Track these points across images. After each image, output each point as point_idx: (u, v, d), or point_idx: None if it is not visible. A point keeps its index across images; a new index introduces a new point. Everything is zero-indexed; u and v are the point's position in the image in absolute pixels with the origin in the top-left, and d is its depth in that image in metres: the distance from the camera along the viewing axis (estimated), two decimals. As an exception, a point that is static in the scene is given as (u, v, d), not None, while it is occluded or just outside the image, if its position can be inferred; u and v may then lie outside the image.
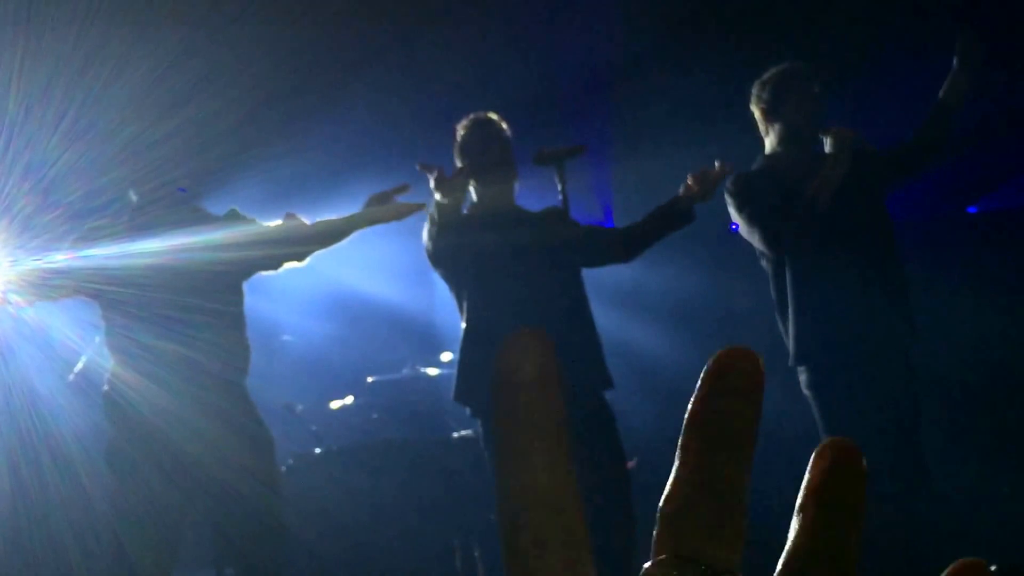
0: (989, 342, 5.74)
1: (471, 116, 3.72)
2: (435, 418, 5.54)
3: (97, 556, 3.79)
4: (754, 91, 3.75)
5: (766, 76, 3.73)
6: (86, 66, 4.40)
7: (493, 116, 3.71)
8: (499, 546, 0.44)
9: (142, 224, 3.56)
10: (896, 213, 3.74)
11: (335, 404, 5.86)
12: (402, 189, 3.50)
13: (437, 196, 3.51)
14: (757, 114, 3.75)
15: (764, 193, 3.60)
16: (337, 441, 5.50)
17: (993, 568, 2.43)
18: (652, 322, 6.46)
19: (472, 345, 3.51)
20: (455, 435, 5.34)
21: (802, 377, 3.58)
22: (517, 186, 3.70)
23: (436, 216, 3.50)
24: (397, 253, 6.21)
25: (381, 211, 3.50)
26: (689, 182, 3.60)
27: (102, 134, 4.09)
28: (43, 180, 4.60)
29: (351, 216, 3.57)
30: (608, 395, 3.65)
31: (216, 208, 3.78)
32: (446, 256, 3.55)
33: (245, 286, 3.70)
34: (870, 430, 3.43)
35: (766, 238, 3.58)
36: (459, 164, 3.66)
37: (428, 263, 3.73)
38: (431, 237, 3.53)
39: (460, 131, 3.72)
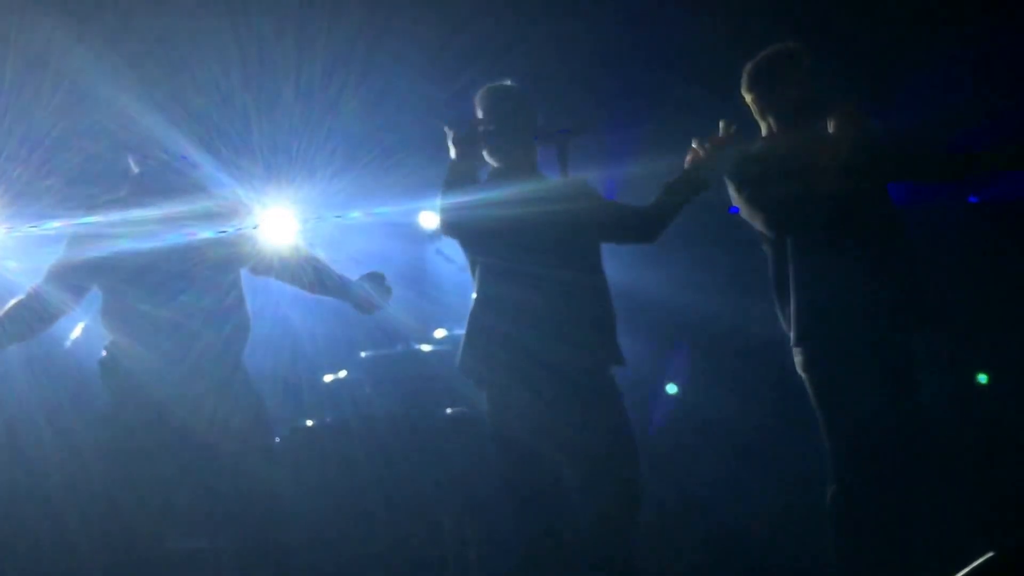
0: (987, 328, 5.75)
1: (489, 85, 3.65)
2: (428, 394, 5.55)
3: (92, 520, 3.81)
4: (744, 77, 3.70)
5: (756, 59, 3.69)
6: (83, 30, 4.37)
7: (513, 85, 3.64)
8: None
9: (142, 193, 3.54)
10: (898, 200, 3.73)
11: (328, 377, 5.88)
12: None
13: (452, 153, 3.50)
14: (750, 99, 3.70)
15: (765, 175, 3.57)
16: (329, 414, 5.51)
17: (991, 554, 2.45)
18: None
19: (482, 314, 3.48)
20: (448, 411, 5.35)
21: (798, 359, 3.57)
22: (538, 153, 3.64)
23: (447, 174, 3.47)
24: (394, 230, 6.23)
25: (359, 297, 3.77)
26: (695, 146, 3.56)
27: (99, 101, 4.08)
28: (39, 147, 4.58)
29: (346, 285, 3.79)
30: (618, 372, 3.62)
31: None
32: (459, 223, 3.49)
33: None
34: (865, 411, 3.43)
35: (767, 221, 3.56)
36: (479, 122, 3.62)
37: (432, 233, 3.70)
38: (441, 200, 3.49)
39: (481, 97, 3.67)
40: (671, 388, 7.19)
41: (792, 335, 3.55)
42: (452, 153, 3.51)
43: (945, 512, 3.99)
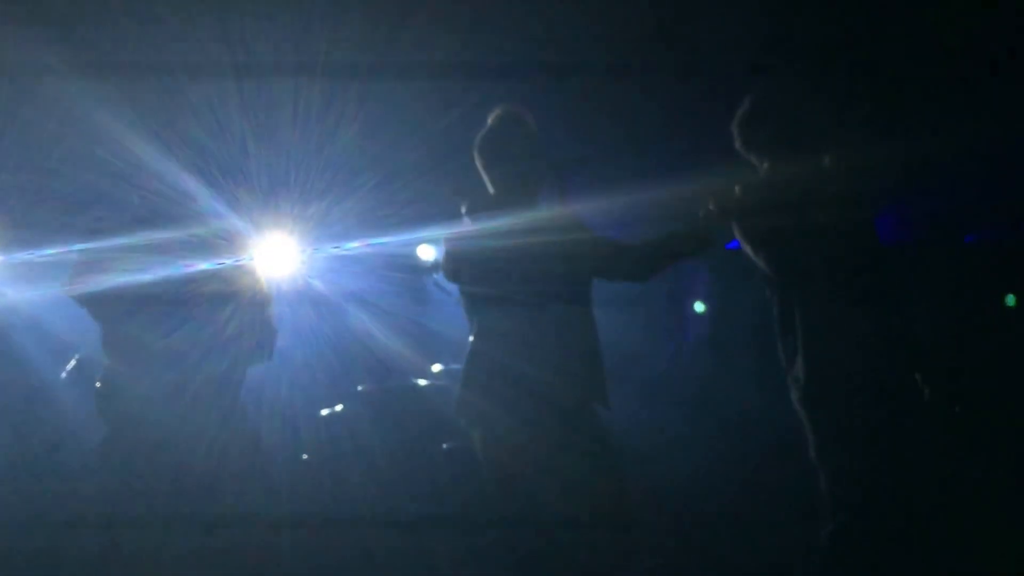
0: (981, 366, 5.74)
1: (498, 111, 3.64)
2: (424, 428, 5.52)
3: (89, 552, 3.76)
4: (735, 134, 3.69)
5: (738, 117, 3.68)
6: (79, 59, 4.37)
7: (519, 114, 3.62)
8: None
9: (140, 223, 3.52)
10: (894, 238, 3.73)
11: (324, 411, 5.84)
12: None
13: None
14: (744, 154, 3.70)
15: (765, 213, 3.56)
16: (326, 449, 5.48)
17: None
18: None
19: (478, 359, 3.46)
20: (444, 445, 5.32)
21: (797, 395, 3.54)
22: (539, 185, 3.61)
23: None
24: (392, 260, 6.22)
25: None
26: (710, 206, 3.54)
27: (95, 130, 4.07)
28: (35, 175, 4.56)
29: None
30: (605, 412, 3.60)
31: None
32: (462, 270, 3.48)
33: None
34: (865, 452, 3.40)
35: (770, 260, 3.54)
36: (476, 156, 3.62)
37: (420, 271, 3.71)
38: (446, 250, 3.50)
39: (488, 122, 3.66)
40: (699, 307, 7.17)
41: (795, 373, 3.53)
42: (466, 220, 3.52)
43: (943, 557, 3.96)
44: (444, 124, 5.21)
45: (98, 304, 3.48)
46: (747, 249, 3.61)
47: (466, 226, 3.50)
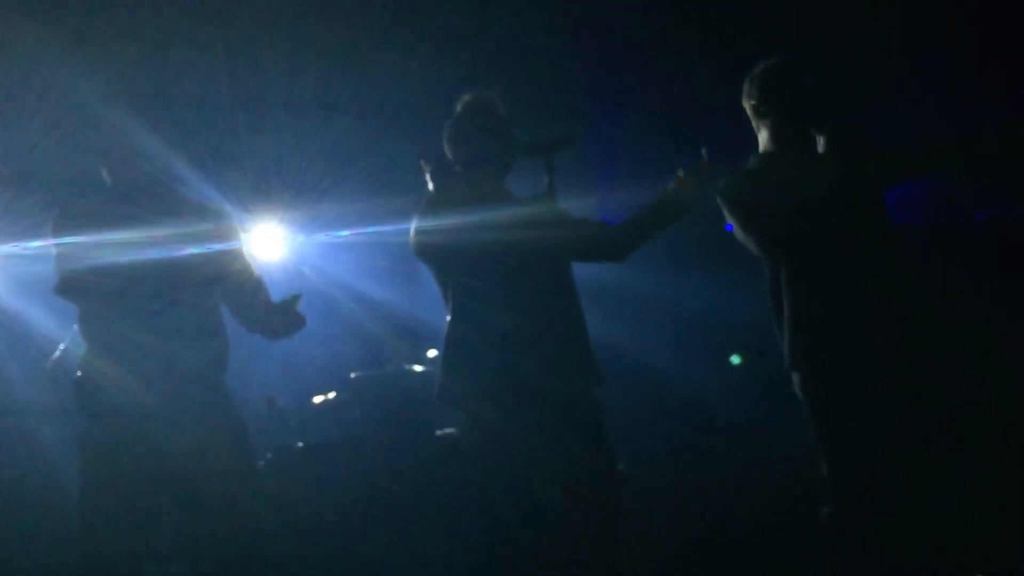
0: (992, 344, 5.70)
1: (467, 97, 3.62)
2: (418, 415, 5.49)
3: (69, 547, 3.73)
4: (744, 87, 3.64)
5: (755, 71, 3.62)
6: (70, 43, 4.33)
7: (488, 98, 3.61)
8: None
9: (122, 210, 3.46)
10: (904, 217, 3.66)
11: (317, 399, 5.81)
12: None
13: (429, 185, 3.53)
14: (749, 107, 3.65)
15: (758, 197, 3.50)
16: (318, 436, 5.45)
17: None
18: (642, 321, 6.43)
19: (461, 339, 3.42)
20: (437, 432, 5.30)
21: (794, 378, 3.50)
22: (508, 172, 3.59)
23: (423, 204, 3.47)
24: (384, 248, 6.18)
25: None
26: (679, 174, 3.50)
27: (83, 120, 4.02)
28: (21, 166, 4.53)
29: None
30: (601, 394, 3.56)
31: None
32: (428, 248, 3.48)
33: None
34: (864, 434, 3.35)
35: (761, 244, 3.49)
36: (447, 149, 3.60)
37: (414, 257, 3.68)
38: (416, 223, 3.48)
39: (456, 110, 3.64)
40: (735, 359, 7.10)
41: (787, 358, 3.48)
42: (430, 185, 3.52)
43: (942, 536, 3.93)
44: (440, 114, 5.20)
45: (83, 292, 3.43)
46: (737, 232, 3.56)
47: (432, 193, 3.51)
